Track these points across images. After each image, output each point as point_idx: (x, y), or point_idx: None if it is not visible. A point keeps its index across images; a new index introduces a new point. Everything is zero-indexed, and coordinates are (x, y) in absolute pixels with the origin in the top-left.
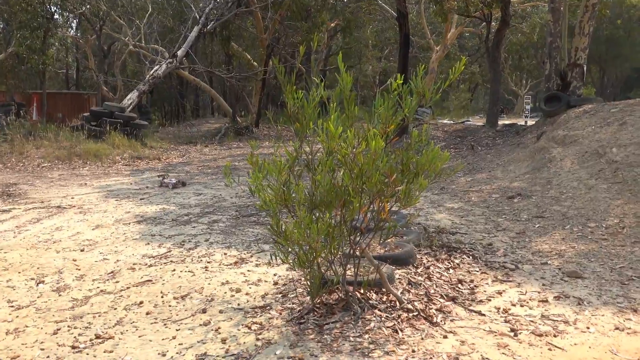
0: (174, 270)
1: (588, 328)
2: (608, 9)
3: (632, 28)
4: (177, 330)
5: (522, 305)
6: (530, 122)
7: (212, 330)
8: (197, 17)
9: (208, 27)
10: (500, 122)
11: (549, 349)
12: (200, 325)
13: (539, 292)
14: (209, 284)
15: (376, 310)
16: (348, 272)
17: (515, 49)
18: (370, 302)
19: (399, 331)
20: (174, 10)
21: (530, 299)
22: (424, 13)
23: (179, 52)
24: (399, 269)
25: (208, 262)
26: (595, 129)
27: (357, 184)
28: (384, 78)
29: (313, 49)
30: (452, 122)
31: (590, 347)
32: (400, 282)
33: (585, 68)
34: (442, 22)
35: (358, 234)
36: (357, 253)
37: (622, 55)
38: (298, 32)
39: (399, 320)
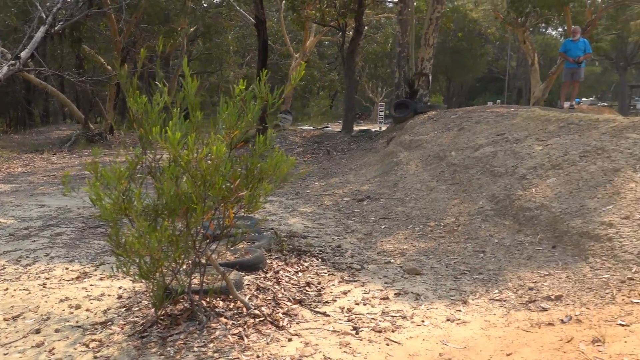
0: (7, 289)
1: (423, 321)
2: (452, 22)
3: (474, 41)
4: (4, 354)
5: (365, 304)
6: (384, 128)
7: (45, 351)
8: (44, 16)
9: (56, 28)
10: (357, 128)
11: (387, 344)
12: (33, 347)
13: (381, 290)
14: (45, 301)
15: (222, 318)
16: (196, 281)
17: (372, 58)
18: (217, 310)
19: (245, 337)
20: (17, 9)
21: (373, 297)
22: (283, 21)
23: (23, 54)
24: (248, 275)
25: (47, 279)
26: (438, 134)
27: (200, 190)
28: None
29: (158, 53)
30: (311, 128)
31: (423, 340)
32: (249, 288)
33: (430, 77)
34: (301, 30)
35: (205, 241)
36: (203, 261)
37: (466, 66)
38: (155, 36)
39: (245, 326)
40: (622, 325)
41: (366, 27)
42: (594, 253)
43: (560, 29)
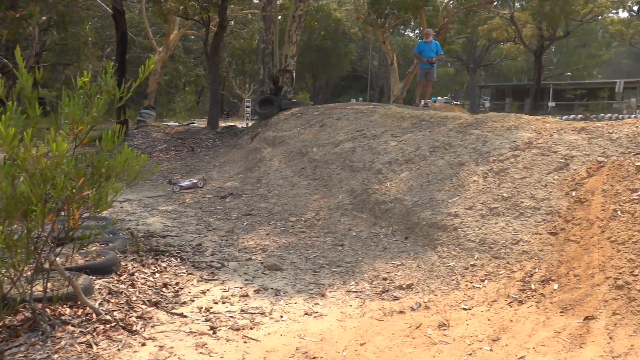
0: None
1: (281, 317)
2: (316, 20)
3: (338, 40)
4: None
5: (224, 302)
6: (251, 124)
7: None
8: None
9: None
10: (224, 124)
11: (245, 342)
12: None
13: (241, 288)
14: None
15: (69, 327)
16: (40, 288)
17: (238, 54)
18: (63, 318)
19: (94, 345)
20: None
21: (232, 295)
22: (145, 12)
23: None
24: (100, 279)
25: None
26: (301, 130)
27: (40, 190)
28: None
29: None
30: (176, 124)
31: (281, 335)
32: (100, 293)
33: (294, 74)
34: (164, 23)
35: (48, 245)
36: (47, 266)
37: (331, 64)
38: (2, 24)
39: (95, 333)
40: (465, 309)
41: (232, 23)
42: (441, 242)
43: (417, 31)
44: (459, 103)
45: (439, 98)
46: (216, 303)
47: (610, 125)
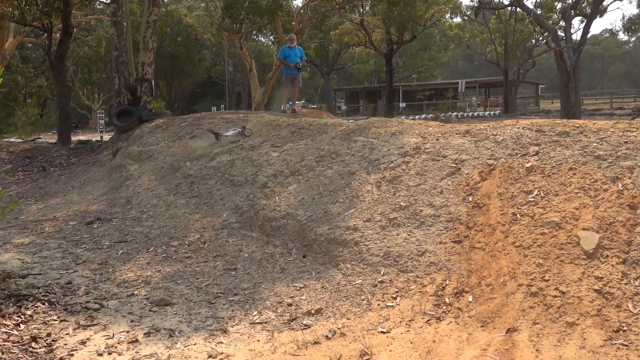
0: None
1: None
2: (168, 26)
3: (191, 46)
4: None
5: (110, 353)
6: (106, 137)
7: None
8: None
9: None
10: (75, 138)
11: None
12: None
13: (127, 332)
14: None
15: None
16: None
17: (84, 62)
18: None
19: None
20: None
21: (119, 343)
22: None
23: None
24: None
25: None
26: (169, 143)
27: None
28: None
29: None
30: (20, 140)
31: None
32: None
33: (153, 82)
34: None
35: None
36: None
37: (185, 71)
38: None
39: None
40: (383, 332)
41: (75, 29)
42: (344, 259)
43: (272, 37)
44: (316, 106)
45: (297, 102)
46: (101, 355)
47: (492, 127)
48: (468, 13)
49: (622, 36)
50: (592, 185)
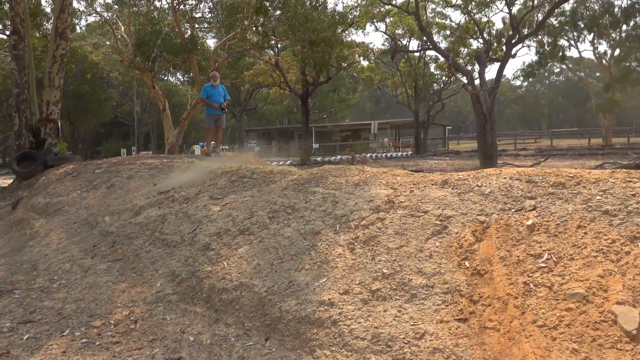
0: None
1: None
2: (73, 63)
3: (97, 84)
4: None
5: None
6: (2, 184)
7: None
8: None
9: None
10: None
11: None
12: None
13: None
14: None
15: None
16: None
17: None
18: None
19: None
20: None
21: None
22: None
23: None
24: None
25: None
26: (82, 193)
27: None
28: None
29: None
30: None
31: None
32: None
33: (59, 123)
34: None
35: None
36: None
37: (90, 111)
38: None
39: None
40: None
41: None
42: (320, 343)
43: (184, 76)
44: (227, 147)
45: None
46: None
47: (474, 177)
48: (379, 56)
49: (516, 81)
50: (611, 248)
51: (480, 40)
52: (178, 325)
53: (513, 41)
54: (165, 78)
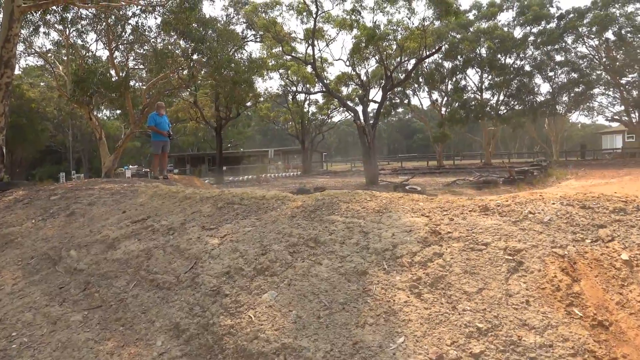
0: None
1: None
2: (12, 97)
3: (34, 117)
4: None
5: None
6: None
7: None
8: None
9: None
10: None
11: None
12: None
13: None
14: None
15: None
16: None
17: None
18: None
19: None
20: None
21: None
22: None
23: None
24: None
25: None
26: (38, 222)
27: None
28: None
29: None
30: None
31: None
32: None
33: (4, 149)
34: None
35: None
36: None
37: (27, 140)
38: None
39: None
40: None
41: None
42: None
43: (114, 111)
44: (173, 169)
45: (130, 167)
46: None
47: (515, 202)
48: (275, 97)
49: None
50: None
51: (358, 83)
52: None
53: (387, 87)
54: (96, 113)
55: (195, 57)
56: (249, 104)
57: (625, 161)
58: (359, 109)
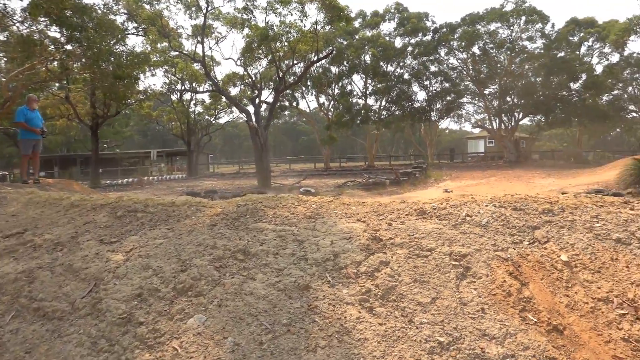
0: None
1: None
2: None
3: None
4: None
5: None
6: None
7: None
8: None
9: None
10: None
11: None
12: None
13: None
14: None
15: None
16: None
17: None
18: None
19: None
20: None
21: None
22: None
23: None
24: None
25: None
26: None
27: None
28: None
29: None
30: None
31: None
32: None
33: None
34: None
35: None
36: None
37: None
38: None
39: None
40: None
41: None
42: None
43: None
44: (45, 174)
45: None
46: None
47: (455, 206)
48: (158, 95)
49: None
50: None
51: (249, 84)
52: None
53: (280, 88)
54: None
55: (69, 47)
56: (131, 101)
57: (488, 164)
58: (251, 110)
